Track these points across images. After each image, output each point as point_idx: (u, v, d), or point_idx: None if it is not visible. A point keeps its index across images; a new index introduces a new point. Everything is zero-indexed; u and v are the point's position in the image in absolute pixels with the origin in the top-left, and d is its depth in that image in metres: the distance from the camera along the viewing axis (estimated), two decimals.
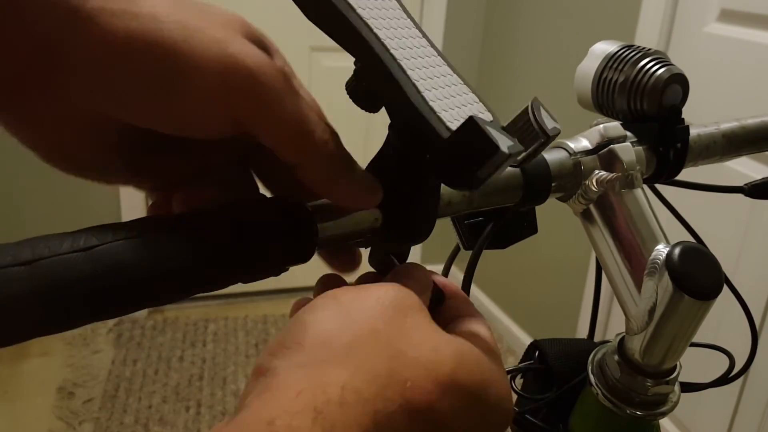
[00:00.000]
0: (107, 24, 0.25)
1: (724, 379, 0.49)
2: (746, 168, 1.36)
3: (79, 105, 0.27)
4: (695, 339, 0.39)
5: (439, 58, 0.32)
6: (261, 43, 0.30)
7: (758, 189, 0.50)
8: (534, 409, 0.46)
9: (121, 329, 2.34)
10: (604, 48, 0.44)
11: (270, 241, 0.28)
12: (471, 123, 0.27)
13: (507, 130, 0.30)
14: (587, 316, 1.93)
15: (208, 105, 0.27)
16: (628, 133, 0.41)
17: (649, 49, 0.43)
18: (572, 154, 0.39)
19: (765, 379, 1.41)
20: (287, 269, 0.30)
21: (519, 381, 0.47)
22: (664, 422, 1.68)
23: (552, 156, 0.39)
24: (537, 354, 0.47)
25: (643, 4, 1.67)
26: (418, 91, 0.29)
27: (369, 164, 0.33)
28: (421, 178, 0.32)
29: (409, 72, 0.29)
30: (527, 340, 0.44)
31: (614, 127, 0.40)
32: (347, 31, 0.29)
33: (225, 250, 0.27)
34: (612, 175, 0.38)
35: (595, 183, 0.39)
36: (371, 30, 0.29)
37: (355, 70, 0.31)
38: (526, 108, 0.31)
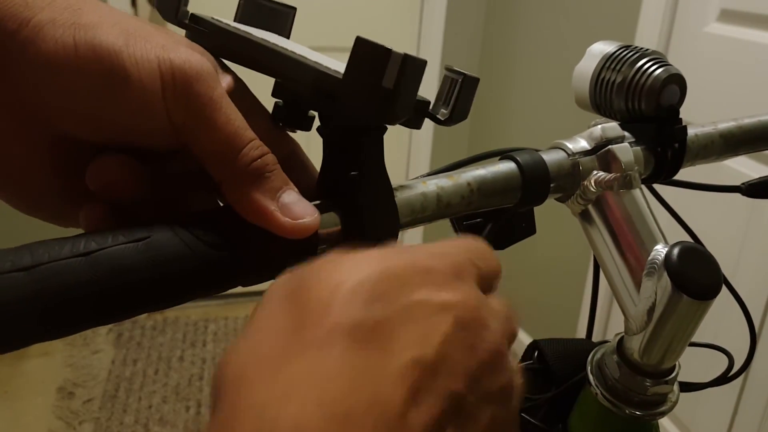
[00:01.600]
0: (53, 35, 0.26)
1: (723, 379, 0.49)
2: (744, 167, 1.36)
3: (27, 117, 0.27)
4: (694, 338, 0.39)
5: (317, 52, 0.35)
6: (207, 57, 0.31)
7: (755, 188, 0.50)
8: (533, 408, 0.46)
9: (121, 329, 2.34)
10: (602, 48, 0.44)
11: (273, 240, 0.28)
12: (359, 40, 0.28)
13: (436, 100, 0.34)
14: (587, 316, 1.93)
15: (147, 108, 0.27)
16: (626, 134, 0.41)
17: (647, 50, 0.43)
18: (570, 154, 0.39)
19: (765, 379, 1.41)
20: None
21: None
22: (664, 422, 1.68)
23: (550, 156, 0.39)
24: (536, 354, 0.47)
25: (643, 4, 1.67)
26: (318, 63, 0.31)
27: (318, 177, 0.34)
28: (362, 161, 0.31)
29: (308, 57, 0.32)
30: (527, 340, 0.44)
31: (612, 127, 0.40)
32: (252, 52, 0.32)
33: (228, 251, 0.27)
34: (610, 175, 0.38)
35: (593, 183, 0.39)
36: (267, 41, 0.32)
37: (274, 93, 0.33)
38: (444, 76, 0.34)
